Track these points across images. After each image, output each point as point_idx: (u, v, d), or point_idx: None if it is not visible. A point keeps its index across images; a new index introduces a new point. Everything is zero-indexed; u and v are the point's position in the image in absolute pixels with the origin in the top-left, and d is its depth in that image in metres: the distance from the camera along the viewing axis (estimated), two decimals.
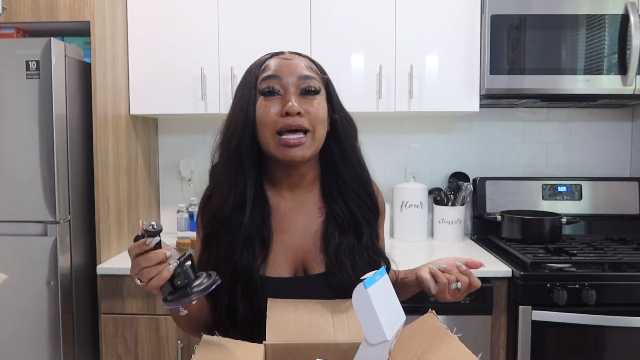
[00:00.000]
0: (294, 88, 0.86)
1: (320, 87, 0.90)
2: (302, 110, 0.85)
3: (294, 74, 0.87)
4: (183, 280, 0.74)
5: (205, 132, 2.40)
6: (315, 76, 0.89)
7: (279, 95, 0.86)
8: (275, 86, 0.86)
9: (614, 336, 1.69)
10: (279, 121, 0.85)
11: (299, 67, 0.88)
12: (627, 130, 2.39)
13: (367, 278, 0.63)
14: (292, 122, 0.84)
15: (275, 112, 0.85)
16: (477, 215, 2.31)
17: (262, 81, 0.87)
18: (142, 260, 0.72)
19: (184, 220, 2.27)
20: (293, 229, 0.93)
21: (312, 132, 0.86)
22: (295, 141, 0.84)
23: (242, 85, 0.91)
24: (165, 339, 1.84)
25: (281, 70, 0.87)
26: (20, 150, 1.69)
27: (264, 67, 0.89)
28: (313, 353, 0.72)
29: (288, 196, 0.94)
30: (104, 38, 1.86)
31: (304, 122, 0.85)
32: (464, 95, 2.02)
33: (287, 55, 0.91)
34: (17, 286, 1.70)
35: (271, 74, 0.87)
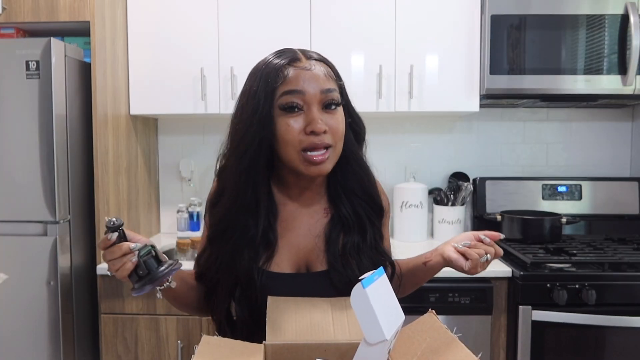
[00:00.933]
0: (316, 103, 0.85)
1: (339, 99, 0.89)
2: (327, 128, 0.84)
3: (316, 88, 0.84)
4: (144, 270, 0.80)
5: (205, 132, 2.40)
6: (335, 87, 0.88)
7: (301, 110, 0.85)
8: (298, 102, 0.84)
9: (614, 336, 1.69)
10: (304, 140, 0.84)
11: (320, 79, 0.85)
12: (627, 130, 2.39)
13: (365, 278, 0.63)
14: (317, 141, 0.84)
15: (299, 130, 0.84)
16: (477, 215, 2.31)
17: (283, 95, 0.84)
18: (107, 254, 0.78)
19: (184, 220, 2.27)
20: (298, 229, 0.94)
21: (334, 147, 0.86)
22: (320, 158, 0.84)
23: (256, 94, 0.85)
24: (165, 339, 1.84)
25: (303, 84, 0.84)
26: (20, 150, 1.69)
27: (284, 79, 0.84)
28: (313, 353, 0.72)
29: (295, 198, 0.95)
30: (104, 38, 1.86)
31: (328, 140, 0.85)
32: (464, 95, 2.02)
33: (304, 62, 0.87)
34: (17, 286, 1.70)
35: (293, 89, 0.84)
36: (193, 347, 0.71)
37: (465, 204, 2.29)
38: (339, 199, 0.94)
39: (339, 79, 0.91)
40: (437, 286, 1.75)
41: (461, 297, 1.74)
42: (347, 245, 0.91)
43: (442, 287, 1.75)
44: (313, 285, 0.90)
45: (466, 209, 2.36)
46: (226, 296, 0.90)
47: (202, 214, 2.31)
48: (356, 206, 0.93)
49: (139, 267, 0.80)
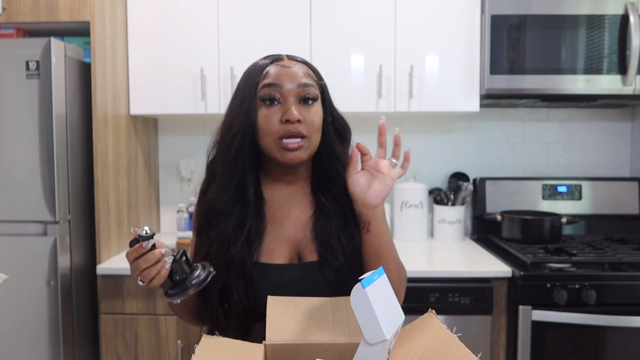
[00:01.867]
0: (293, 96, 0.91)
1: (317, 95, 0.94)
2: (301, 118, 0.90)
3: (293, 82, 0.91)
4: (181, 275, 0.81)
5: (205, 132, 2.40)
6: (313, 83, 0.94)
7: (279, 103, 0.91)
8: (276, 94, 0.91)
9: (614, 336, 1.69)
10: (280, 129, 0.90)
11: (297, 75, 0.92)
12: (627, 130, 2.39)
13: (365, 278, 0.63)
14: (292, 129, 0.90)
15: (276, 120, 0.91)
16: (477, 215, 2.31)
17: (263, 88, 0.91)
18: (141, 262, 0.79)
19: (184, 220, 2.27)
20: (286, 220, 0.98)
21: (309, 138, 0.92)
22: (294, 145, 0.90)
23: (242, 89, 0.94)
24: (165, 339, 1.84)
25: (281, 78, 0.91)
26: (20, 150, 1.69)
27: (265, 74, 0.92)
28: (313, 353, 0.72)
29: (282, 190, 1.00)
30: (104, 38, 1.86)
31: (302, 129, 0.90)
32: (463, 95, 2.02)
33: (286, 62, 0.94)
34: (17, 286, 1.70)
35: (272, 82, 0.91)
36: (193, 347, 0.71)
37: (465, 204, 2.29)
38: (321, 191, 0.99)
39: (319, 79, 0.98)
40: (437, 286, 1.75)
41: (461, 297, 1.74)
42: (331, 232, 0.95)
43: (442, 287, 1.75)
44: (305, 275, 0.94)
45: (466, 209, 2.36)
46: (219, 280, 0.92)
47: None
48: (338, 198, 0.98)
49: (174, 273, 0.81)
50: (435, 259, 1.98)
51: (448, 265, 1.85)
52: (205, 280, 0.82)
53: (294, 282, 0.92)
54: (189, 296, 0.81)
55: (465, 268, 1.79)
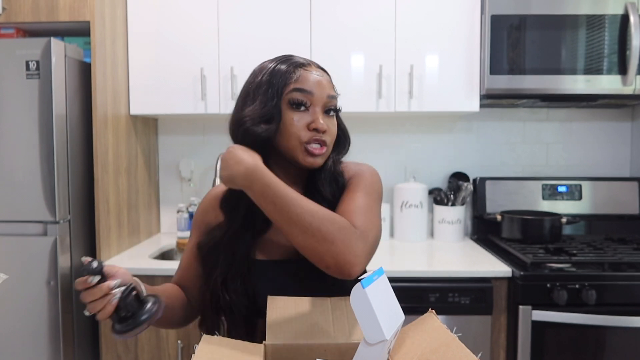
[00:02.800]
0: (320, 105, 0.94)
1: (337, 107, 0.98)
2: (327, 128, 0.93)
3: (323, 92, 0.94)
4: (127, 313, 0.78)
5: (205, 132, 2.40)
6: (336, 95, 0.97)
7: (306, 109, 0.93)
8: (306, 101, 0.92)
9: (614, 336, 1.69)
10: (306, 134, 0.92)
11: (326, 85, 0.95)
12: (627, 130, 2.39)
13: (364, 278, 0.63)
14: (319, 137, 0.92)
15: (303, 125, 0.92)
16: (477, 215, 2.31)
17: (293, 92, 0.92)
18: (86, 295, 0.78)
19: (184, 220, 2.27)
20: None
21: (328, 146, 0.95)
22: (319, 152, 0.93)
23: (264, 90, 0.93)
24: (165, 339, 1.84)
25: (312, 86, 0.93)
26: (20, 150, 1.69)
27: (296, 78, 0.93)
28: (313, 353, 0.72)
29: None
30: (104, 38, 1.86)
31: (326, 138, 0.94)
32: (464, 95, 2.02)
33: (314, 69, 0.96)
34: (17, 286, 1.70)
35: (304, 88, 0.92)
36: (193, 347, 0.71)
37: (465, 204, 2.29)
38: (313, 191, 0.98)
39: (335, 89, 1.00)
40: (437, 286, 1.75)
41: (461, 297, 1.74)
42: None
43: (442, 287, 1.75)
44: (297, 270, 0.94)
45: (466, 209, 2.36)
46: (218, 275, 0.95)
47: None
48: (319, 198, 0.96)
49: (120, 309, 0.78)
50: (435, 259, 1.98)
51: (448, 265, 1.85)
52: (156, 315, 0.79)
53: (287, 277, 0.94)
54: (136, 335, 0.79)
55: (465, 268, 1.79)
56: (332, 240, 0.81)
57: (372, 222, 0.90)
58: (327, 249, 0.80)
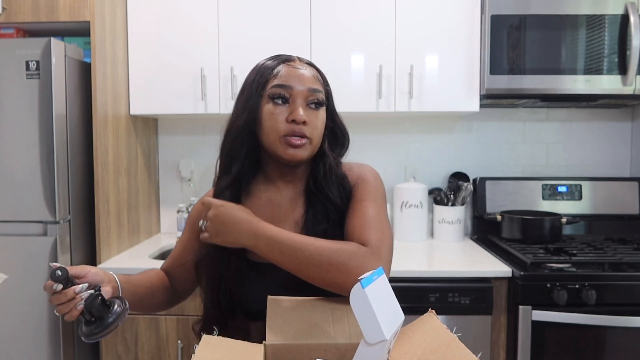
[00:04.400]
0: (301, 98, 0.93)
1: (324, 100, 0.96)
2: (307, 119, 0.92)
3: (303, 85, 0.93)
4: (90, 317, 0.82)
5: (205, 132, 2.40)
6: (320, 89, 0.96)
7: (287, 103, 0.93)
8: (285, 94, 0.93)
9: (614, 336, 1.69)
10: (285, 127, 0.92)
11: (308, 78, 0.94)
12: (627, 130, 2.39)
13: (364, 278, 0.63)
14: (297, 129, 0.92)
15: (282, 119, 0.93)
16: (477, 215, 2.31)
17: (273, 87, 0.93)
18: (53, 299, 0.82)
19: (184, 220, 2.27)
20: (284, 220, 0.99)
21: (311, 139, 0.94)
22: (298, 143, 0.92)
23: (250, 86, 0.96)
24: (165, 339, 1.84)
25: (292, 80, 0.93)
26: (20, 150, 1.69)
27: (276, 73, 0.94)
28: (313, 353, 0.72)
29: (280, 192, 1.02)
30: (104, 38, 1.86)
31: (306, 131, 0.93)
32: (464, 95, 2.02)
33: (297, 64, 0.96)
34: (17, 286, 1.70)
35: (282, 84, 0.93)
36: (193, 347, 0.71)
37: (465, 204, 2.29)
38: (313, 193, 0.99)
39: (326, 85, 1.00)
40: (437, 286, 1.75)
41: (461, 297, 1.74)
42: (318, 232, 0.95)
43: (442, 287, 1.75)
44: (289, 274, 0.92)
45: (466, 209, 2.36)
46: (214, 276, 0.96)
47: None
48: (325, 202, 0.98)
49: (87, 313, 0.82)
50: (435, 259, 1.98)
51: (448, 265, 1.85)
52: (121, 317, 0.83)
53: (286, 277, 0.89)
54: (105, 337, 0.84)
55: (465, 268, 1.79)
56: (346, 270, 0.82)
57: (384, 233, 0.90)
58: (345, 279, 0.81)
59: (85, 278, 0.86)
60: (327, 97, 0.99)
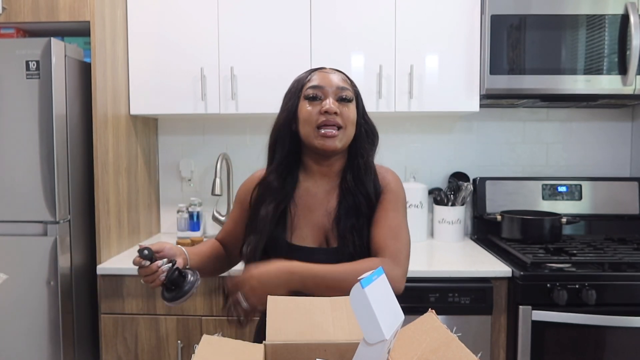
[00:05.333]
0: (332, 95, 1.10)
1: (352, 97, 1.13)
2: (337, 110, 1.08)
3: (333, 84, 1.11)
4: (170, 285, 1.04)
5: (205, 132, 2.40)
6: (349, 88, 1.13)
7: (320, 100, 1.10)
8: (318, 93, 1.10)
9: (614, 336, 1.69)
10: (318, 118, 1.08)
11: (337, 79, 1.12)
12: (627, 130, 2.39)
13: (364, 278, 0.63)
14: (330, 118, 1.07)
15: (316, 112, 1.09)
16: (477, 215, 2.31)
17: (307, 89, 1.11)
18: (142, 272, 1.05)
19: (184, 220, 2.27)
20: (318, 209, 1.14)
21: (344, 129, 1.10)
22: (331, 133, 1.07)
23: (289, 92, 1.15)
24: (165, 339, 1.84)
25: (323, 81, 1.11)
26: (20, 150, 1.69)
27: (309, 78, 1.13)
28: (313, 353, 0.72)
29: (317, 183, 1.16)
30: (104, 38, 1.86)
31: (338, 120, 1.08)
32: (464, 95, 2.02)
33: (328, 70, 1.15)
34: (17, 286, 1.70)
35: (315, 85, 1.11)
36: (193, 347, 0.71)
37: (465, 204, 2.29)
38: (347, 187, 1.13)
39: (354, 86, 1.17)
40: (437, 286, 1.75)
41: (461, 297, 1.74)
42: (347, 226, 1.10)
43: (442, 287, 1.75)
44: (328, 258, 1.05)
45: (466, 209, 2.36)
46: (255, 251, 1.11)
47: (202, 214, 2.32)
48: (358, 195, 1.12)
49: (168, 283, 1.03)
50: (435, 259, 1.98)
51: (448, 265, 1.85)
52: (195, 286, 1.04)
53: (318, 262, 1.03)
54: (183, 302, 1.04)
55: (465, 268, 1.79)
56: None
57: (402, 241, 1.13)
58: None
59: (163, 253, 1.06)
60: (356, 97, 1.14)
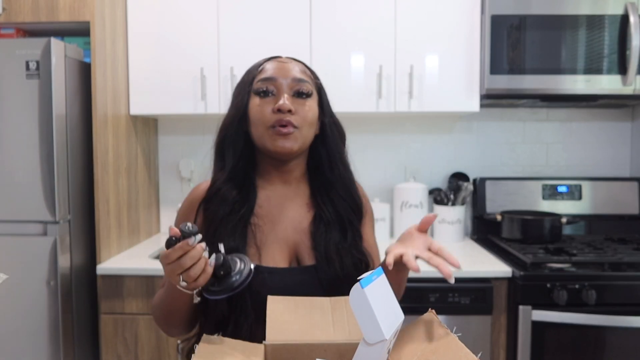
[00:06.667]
0: (287, 89, 0.93)
1: (312, 91, 0.95)
2: (292, 108, 0.90)
3: (288, 76, 0.93)
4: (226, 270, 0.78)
5: (205, 132, 2.40)
6: (308, 80, 0.95)
7: (273, 95, 0.93)
8: (270, 87, 0.93)
9: (614, 336, 1.69)
10: (271, 117, 0.91)
11: (293, 70, 0.94)
12: (627, 130, 2.39)
13: (363, 278, 0.63)
14: (283, 118, 0.90)
15: (268, 110, 0.92)
16: (477, 215, 2.31)
17: (258, 82, 0.94)
18: (187, 260, 0.75)
19: None
20: (285, 222, 0.97)
21: (300, 129, 0.92)
22: (285, 131, 0.90)
23: (239, 85, 0.98)
24: (165, 339, 1.84)
25: (276, 72, 0.93)
26: (20, 150, 1.69)
27: (261, 69, 0.95)
28: (313, 353, 0.72)
29: (278, 190, 0.99)
30: (104, 38, 1.86)
31: (294, 120, 0.91)
32: (464, 95, 2.02)
33: (283, 59, 0.97)
34: (17, 286, 1.70)
35: (267, 77, 0.93)
36: (193, 347, 0.71)
37: (465, 204, 2.29)
38: (320, 196, 0.99)
39: (316, 78, 0.99)
40: (437, 286, 1.75)
41: (461, 297, 1.74)
42: (329, 243, 0.94)
43: (442, 287, 1.75)
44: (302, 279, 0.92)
45: (466, 209, 2.36)
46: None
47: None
48: (337, 205, 0.98)
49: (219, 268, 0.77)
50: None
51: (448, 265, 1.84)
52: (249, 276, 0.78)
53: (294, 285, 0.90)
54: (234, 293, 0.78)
55: (465, 268, 1.79)
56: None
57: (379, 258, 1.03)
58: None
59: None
60: (318, 90, 0.98)
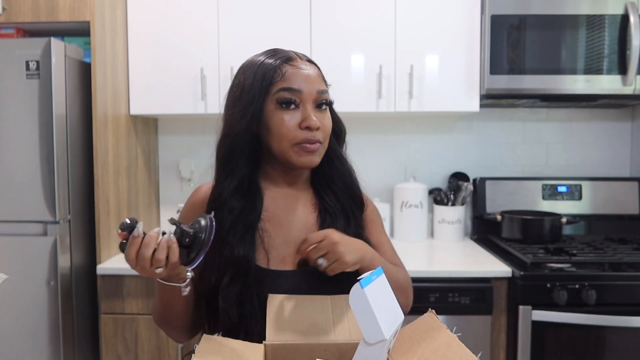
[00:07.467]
0: (310, 102, 0.90)
1: (329, 100, 0.94)
2: (320, 125, 0.89)
3: (312, 88, 0.90)
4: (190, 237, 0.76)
5: (205, 132, 2.40)
6: (326, 88, 0.93)
7: (295, 106, 0.89)
8: (295, 99, 0.89)
9: (614, 336, 1.69)
10: (298, 134, 0.88)
11: (315, 80, 0.91)
12: (627, 130, 2.39)
13: (363, 278, 0.63)
14: (311, 136, 0.88)
15: (294, 125, 0.88)
16: (477, 215, 2.31)
17: (281, 91, 0.88)
18: (145, 249, 0.74)
19: None
20: (291, 223, 0.96)
21: (323, 143, 0.92)
22: (313, 148, 0.89)
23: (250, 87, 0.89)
24: (165, 339, 1.84)
25: (301, 84, 0.89)
26: (20, 150, 1.69)
27: (282, 76, 0.89)
28: (313, 353, 0.72)
29: (283, 192, 0.98)
30: (104, 38, 1.86)
31: (320, 136, 0.90)
32: (464, 95, 2.02)
33: (300, 63, 0.91)
34: (17, 286, 1.70)
35: (292, 87, 0.88)
36: (193, 347, 0.71)
37: (465, 204, 2.29)
38: (325, 192, 0.99)
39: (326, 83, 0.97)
40: (437, 286, 1.75)
41: (461, 297, 1.74)
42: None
43: (442, 287, 1.75)
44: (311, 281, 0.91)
45: (466, 209, 2.36)
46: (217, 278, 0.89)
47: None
48: (340, 198, 0.98)
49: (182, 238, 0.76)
50: (435, 259, 1.98)
51: (448, 265, 1.85)
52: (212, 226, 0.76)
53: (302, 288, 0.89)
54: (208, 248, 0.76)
55: (465, 268, 1.79)
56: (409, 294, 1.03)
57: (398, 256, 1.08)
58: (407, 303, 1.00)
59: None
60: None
